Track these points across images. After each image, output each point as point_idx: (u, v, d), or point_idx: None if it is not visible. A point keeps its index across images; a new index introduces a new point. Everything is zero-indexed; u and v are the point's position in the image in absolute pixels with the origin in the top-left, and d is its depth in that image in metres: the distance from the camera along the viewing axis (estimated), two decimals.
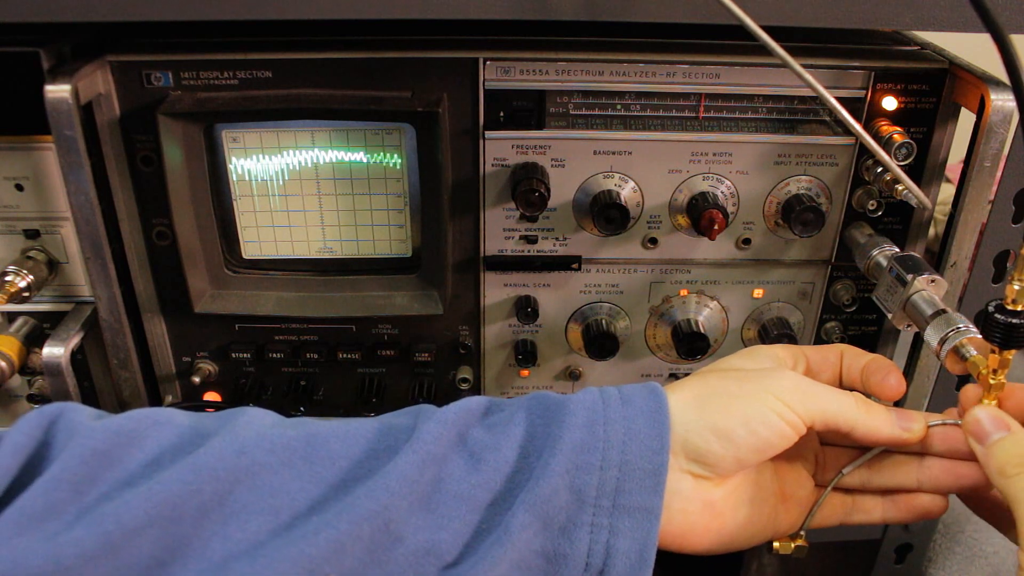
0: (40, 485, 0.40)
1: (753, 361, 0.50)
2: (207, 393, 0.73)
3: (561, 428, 0.43)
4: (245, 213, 0.66)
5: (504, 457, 0.43)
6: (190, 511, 0.40)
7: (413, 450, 0.42)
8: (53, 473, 0.40)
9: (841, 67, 0.61)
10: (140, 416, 0.44)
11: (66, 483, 0.40)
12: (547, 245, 0.67)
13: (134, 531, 0.39)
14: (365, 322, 0.70)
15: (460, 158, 0.63)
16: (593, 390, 0.46)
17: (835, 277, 0.69)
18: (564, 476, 0.42)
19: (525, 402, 0.46)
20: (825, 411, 0.45)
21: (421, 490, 0.42)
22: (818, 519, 0.50)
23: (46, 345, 0.62)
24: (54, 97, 0.55)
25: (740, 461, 0.44)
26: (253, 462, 0.42)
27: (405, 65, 0.60)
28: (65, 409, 0.44)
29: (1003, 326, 0.44)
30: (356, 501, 0.40)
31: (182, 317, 0.68)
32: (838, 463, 0.50)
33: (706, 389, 0.46)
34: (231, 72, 0.60)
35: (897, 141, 0.60)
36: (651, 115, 0.63)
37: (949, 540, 0.74)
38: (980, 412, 0.44)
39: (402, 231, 0.67)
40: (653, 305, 0.70)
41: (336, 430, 0.44)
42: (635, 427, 0.43)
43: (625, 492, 0.42)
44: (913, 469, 0.48)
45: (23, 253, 0.64)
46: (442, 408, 0.45)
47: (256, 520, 0.41)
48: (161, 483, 0.40)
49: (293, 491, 0.42)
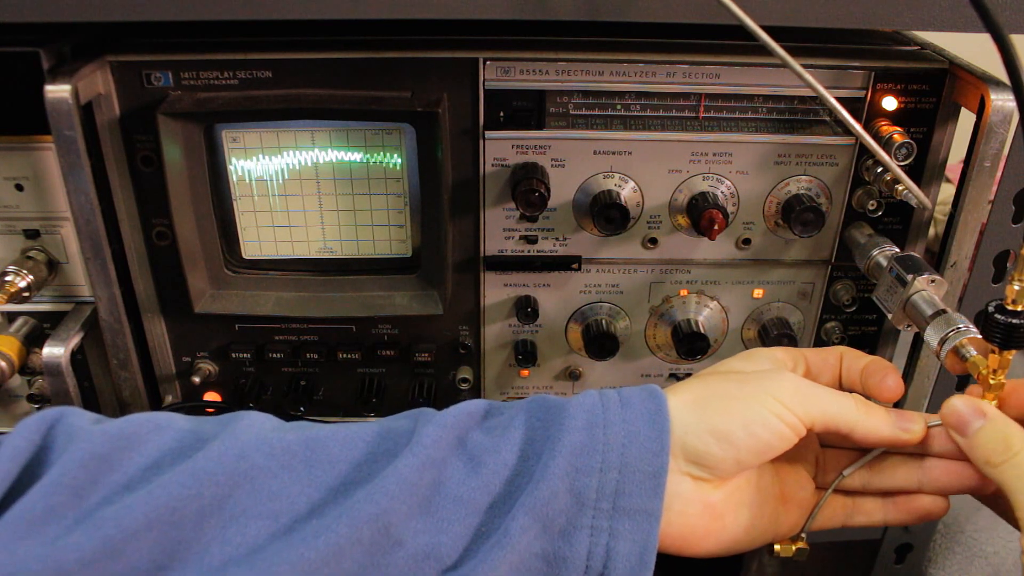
0: (40, 489, 0.40)
1: (752, 363, 0.50)
2: (207, 393, 0.73)
3: (560, 431, 0.43)
4: (245, 213, 0.66)
5: (503, 460, 0.43)
6: (190, 515, 0.40)
7: (413, 453, 0.42)
8: (53, 477, 0.40)
9: (841, 67, 0.61)
10: (140, 420, 0.44)
11: (66, 487, 0.40)
12: (547, 245, 0.67)
13: (134, 535, 0.39)
14: (365, 322, 0.70)
15: (460, 158, 0.63)
16: (592, 393, 0.46)
17: (835, 277, 0.69)
18: (564, 478, 0.42)
19: (524, 405, 0.46)
20: (825, 412, 0.45)
21: (421, 493, 0.42)
22: (819, 522, 0.50)
23: (46, 345, 0.62)
24: (54, 97, 0.55)
25: (740, 463, 0.44)
26: (252, 466, 0.42)
27: (405, 65, 0.60)
28: (64, 413, 0.44)
29: (1003, 326, 0.44)
30: (356, 505, 0.40)
31: (182, 317, 0.68)
32: (838, 465, 0.50)
33: (705, 391, 0.46)
34: (231, 72, 0.60)
35: (897, 141, 0.60)
36: (651, 115, 0.63)
37: (949, 540, 0.74)
38: (956, 402, 0.44)
39: (402, 231, 0.67)
40: (653, 305, 0.70)
41: (335, 434, 0.44)
42: (634, 429, 0.43)
43: (625, 494, 0.42)
44: (914, 470, 0.48)
45: (23, 253, 0.64)
46: (441, 412, 0.45)
47: (255, 524, 0.41)
48: (161, 487, 0.40)
49: (292, 495, 0.42)
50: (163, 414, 0.45)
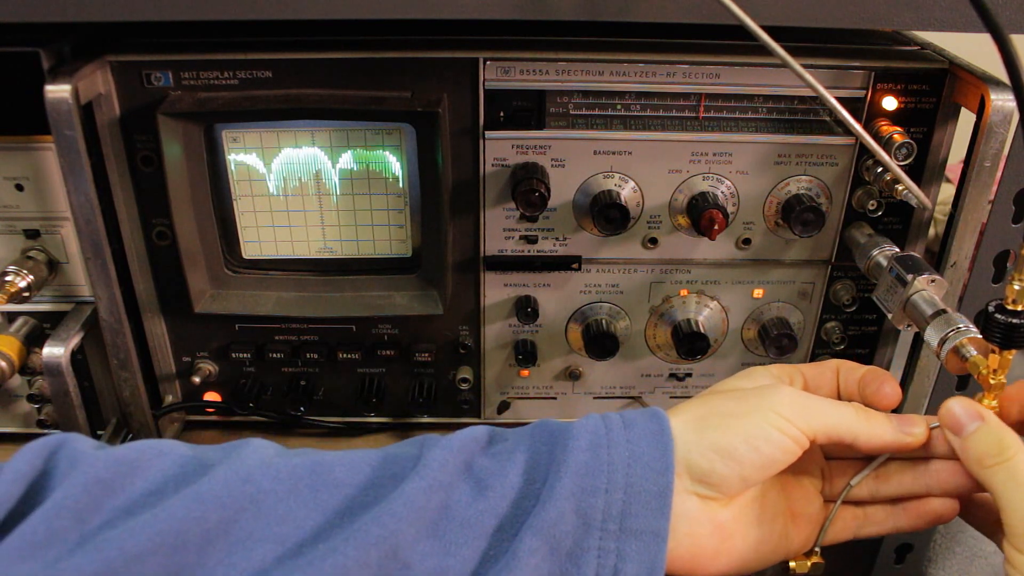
0: (42, 513, 0.40)
1: (751, 380, 0.50)
2: (207, 393, 0.73)
3: (565, 452, 0.43)
4: (245, 213, 0.66)
5: (510, 483, 0.43)
6: (194, 539, 0.40)
7: (420, 476, 0.42)
8: (55, 501, 0.40)
9: (841, 67, 0.61)
10: (142, 447, 0.44)
11: (68, 511, 0.40)
12: (547, 245, 0.67)
13: (137, 558, 0.39)
14: (365, 322, 0.70)
15: (460, 158, 0.63)
16: (595, 415, 0.46)
17: (835, 277, 0.69)
18: (570, 499, 0.42)
19: (528, 430, 0.46)
20: (826, 423, 0.45)
21: (428, 517, 0.41)
22: (831, 535, 0.50)
23: (46, 345, 0.62)
24: (54, 97, 0.55)
25: (745, 479, 0.44)
26: (259, 490, 0.42)
27: (405, 65, 0.60)
28: (67, 439, 0.44)
29: (1003, 326, 0.44)
30: (363, 527, 0.40)
31: (182, 317, 0.68)
32: (845, 476, 0.50)
33: (706, 410, 0.46)
34: (231, 72, 0.60)
35: (897, 141, 0.60)
36: (651, 115, 0.63)
37: (949, 540, 0.74)
38: (954, 404, 0.44)
39: (402, 231, 0.67)
40: (653, 305, 0.70)
41: (341, 458, 0.44)
42: (639, 449, 0.43)
43: (631, 515, 0.42)
44: (920, 475, 0.48)
45: (23, 253, 0.64)
46: (447, 436, 0.45)
47: (262, 548, 0.40)
48: (165, 511, 0.40)
49: (299, 518, 0.41)
50: (166, 441, 0.45)
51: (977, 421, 0.43)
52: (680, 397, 0.75)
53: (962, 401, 0.44)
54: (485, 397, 0.74)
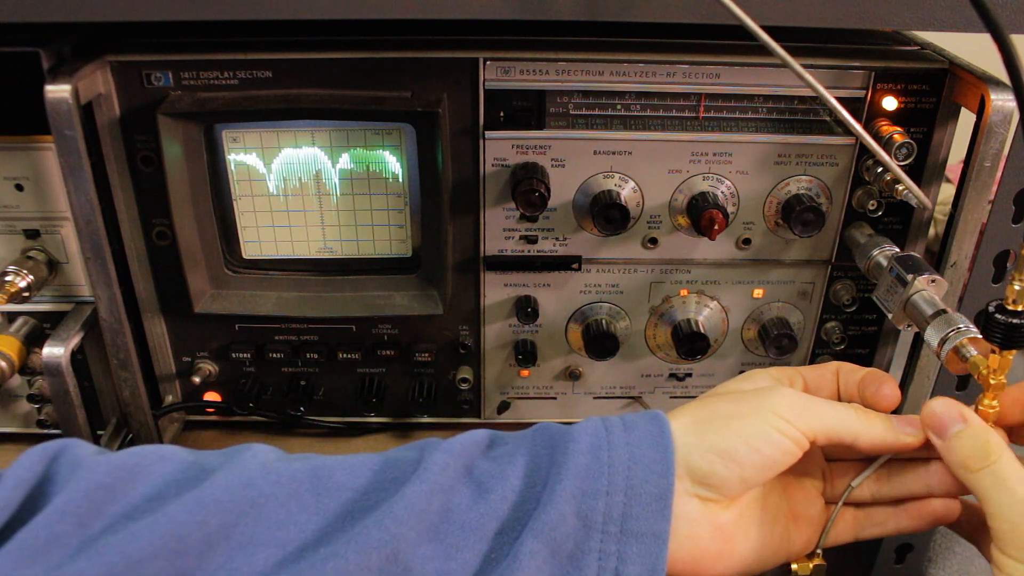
0: (43, 518, 0.40)
1: (750, 383, 0.50)
2: (207, 393, 0.73)
3: (565, 455, 0.43)
4: (245, 213, 0.66)
5: (510, 485, 0.43)
6: (196, 543, 0.40)
7: (421, 480, 0.42)
8: (56, 506, 0.40)
9: (841, 67, 0.61)
10: (143, 452, 0.44)
11: (69, 516, 0.40)
12: (547, 245, 0.67)
13: (138, 563, 0.39)
14: (365, 322, 0.70)
15: (460, 158, 0.63)
16: (595, 418, 0.46)
17: (835, 277, 0.69)
18: (571, 502, 0.42)
19: (528, 433, 0.46)
20: (825, 423, 0.45)
21: (429, 520, 0.41)
22: (832, 537, 0.50)
23: (46, 345, 0.62)
24: (54, 97, 0.55)
25: (745, 481, 0.44)
26: (260, 494, 0.41)
27: (405, 65, 0.60)
28: (68, 444, 0.44)
29: (1003, 326, 0.44)
30: (364, 531, 0.40)
31: (182, 317, 0.68)
32: (845, 477, 0.50)
33: (705, 412, 0.46)
34: (231, 72, 0.60)
35: (897, 141, 0.60)
36: (651, 115, 0.63)
37: (949, 540, 0.74)
38: (936, 404, 0.44)
39: (402, 231, 0.67)
40: (653, 305, 0.70)
41: (342, 462, 0.44)
42: (639, 452, 0.43)
43: (632, 517, 0.42)
44: (921, 475, 0.48)
45: (23, 253, 0.64)
46: (447, 440, 0.45)
47: (263, 552, 0.40)
48: (166, 515, 0.40)
49: (300, 522, 0.41)
50: (167, 446, 0.45)
51: (959, 423, 0.43)
52: (680, 397, 0.75)
53: (944, 402, 0.44)
54: (485, 397, 0.74)
